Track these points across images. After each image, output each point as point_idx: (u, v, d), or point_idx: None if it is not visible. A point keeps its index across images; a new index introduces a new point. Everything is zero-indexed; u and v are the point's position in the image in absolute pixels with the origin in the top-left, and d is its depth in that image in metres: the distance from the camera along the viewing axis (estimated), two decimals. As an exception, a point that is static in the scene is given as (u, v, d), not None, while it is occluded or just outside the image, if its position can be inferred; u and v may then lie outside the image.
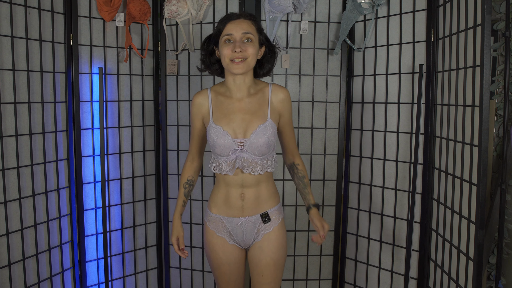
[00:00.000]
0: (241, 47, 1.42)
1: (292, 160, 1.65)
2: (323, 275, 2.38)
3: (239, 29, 1.44)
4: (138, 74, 2.32)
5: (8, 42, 1.82)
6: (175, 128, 2.37)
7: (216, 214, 1.59)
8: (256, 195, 1.55)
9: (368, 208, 2.25)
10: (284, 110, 1.56)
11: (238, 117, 1.51)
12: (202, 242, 2.39)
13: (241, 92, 1.53)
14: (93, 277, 2.26)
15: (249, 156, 1.49)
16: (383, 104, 2.15)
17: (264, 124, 1.49)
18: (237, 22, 1.45)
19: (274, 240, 1.58)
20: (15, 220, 1.91)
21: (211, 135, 1.50)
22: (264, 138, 1.48)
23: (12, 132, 1.87)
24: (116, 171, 2.28)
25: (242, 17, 1.47)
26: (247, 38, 1.45)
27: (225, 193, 1.56)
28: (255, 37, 1.46)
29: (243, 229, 1.57)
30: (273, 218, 1.58)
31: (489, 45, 1.55)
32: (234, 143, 1.48)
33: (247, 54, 1.44)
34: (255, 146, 1.48)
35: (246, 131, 1.49)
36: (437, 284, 1.97)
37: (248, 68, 1.47)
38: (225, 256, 1.60)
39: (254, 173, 1.50)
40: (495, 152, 2.38)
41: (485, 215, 1.60)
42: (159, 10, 2.32)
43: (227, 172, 1.51)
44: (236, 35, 1.44)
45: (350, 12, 2.13)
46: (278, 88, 1.56)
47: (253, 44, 1.45)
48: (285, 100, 1.55)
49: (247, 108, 1.52)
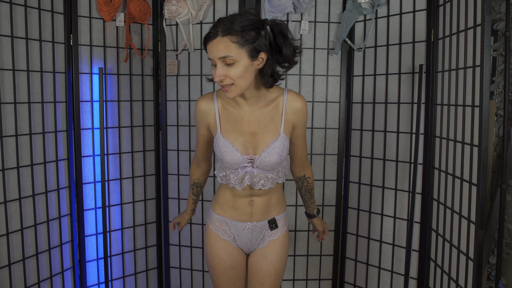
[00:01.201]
0: (221, 74, 1.25)
1: (303, 173, 1.56)
2: (323, 275, 2.38)
3: (215, 52, 1.24)
4: (138, 74, 2.32)
5: (8, 42, 1.82)
6: (175, 128, 2.37)
7: (221, 216, 1.50)
8: (266, 202, 1.47)
9: (368, 208, 2.25)
10: (299, 122, 1.42)
11: (248, 132, 1.38)
12: (202, 242, 2.39)
13: (249, 105, 1.39)
14: (93, 277, 2.26)
15: (259, 172, 1.39)
16: (383, 104, 2.15)
17: (276, 141, 1.37)
18: (214, 43, 1.24)
19: (278, 248, 1.51)
20: (15, 220, 1.90)
21: (219, 149, 1.38)
22: (276, 156, 1.36)
23: (12, 132, 1.87)
24: (116, 171, 2.28)
25: (220, 34, 1.23)
26: (226, 63, 1.25)
27: (232, 200, 1.47)
28: (237, 55, 1.23)
29: (249, 234, 1.49)
30: (280, 225, 1.52)
31: (489, 45, 1.55)
32: (243, 160, 1.38)
33: (230, 80, 1.26)
34: (266, 164, 1.37)
35: (256, 147, 1.38)
36: (437, 284, 1.97)
37: (241, 91, 1.29)
38: (230, 260, 1.50)
39: (264, 188, 1.42)
40: (495, 152, 2.38)
41: (485, 215, 1.59)
42: (159, 10, 2.32)
43: (234, 185, 1.42)
44: (215, 60, 1.26)
45: (350, 12, 2.13)
46: (294, 97, 1.39)
47: (235, 66, 1.25)
48: (301, 111, 1.40)
49: (258, 122, 1.38)
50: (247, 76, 1.28)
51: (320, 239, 1.71)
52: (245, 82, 1.28)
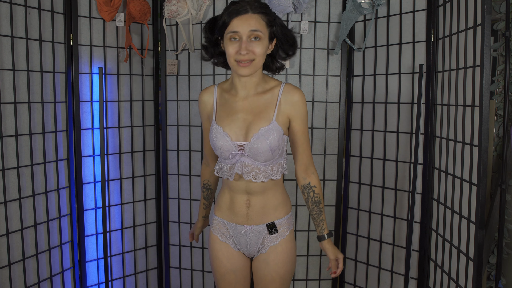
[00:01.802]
0: (247, 48, 1.27)
1: (307, 180, 1.44)
2: (323, 275, 2.38)
3: (246, 26, 1.27)
4: (138, 74, 2.32)
5: (8, 42, 1.82)
6: (175, 128, 2.37)
7: (220, 218, 1.48)
8: (262, 203, 1.42)
9: (368, 208, 2.25)
10: (295, 115, 1.37)
11: (240, 118, 1.37)
12: (202, 242, 2.39)
13: (246, 90, 1.38)
14: (93, 277, 2.26)
15: (250, 162, 1.35)
16: (383, 104, 2.15)
17: (267, 127, 1.33)
18: (245, 18, 1.27)
19: (281, 254, 1.44)
20: (15, 220, 1.90)
21: (211, 136, 1.38)
22: (266, 142, 1.32)
23: (12, 132, 1.87)
24: (116, 171, 2.28)
25: (250, 11, 1.28)
26: (255, 36, 1.28)
27: (229, 198, 1.45)
28: (264, 34, 1.29)
29: (247, 238, 1.44)
30: (281, 230, 1.44)
31: (489, 45, 1.55)
32: (233, 146, 1.35)
33: (253, 56, 1.29)
34: (256, 151, 1.33)
35: (247, 133, 1.35)
36: (437, 284, 1.97)
37: (255, 70, 1.32)
38: (229, 263, 1.46)
39: (256, 180, 1.36)
40: (495, 152, 2.38)
41: (485, 215, 1.59)
42: (159, 10, 2.32)
43: (227, 176, 1.39)
44: (243, 33, 1.27)
45: (350, 12, 2.13)
46: (291, 88, 1.38)
47: (261, 42, 1.29)
48: (297, 103, 1.36)
49: (251, 108, 1.37)
50: (264, 57, 1.34)
51: (332, 273, 1.48)
52: (261, 62, 1.33)
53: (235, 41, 1.29)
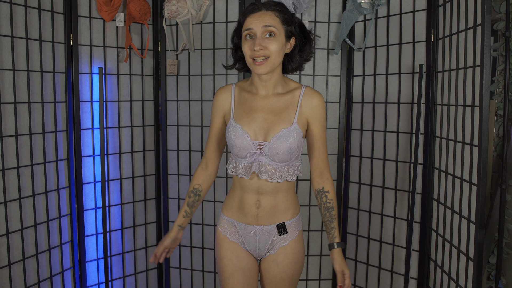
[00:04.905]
0: (261, 44, 1.27)
1: (321, 185, 1.45)
2: (323, 275, 2.38)
3: (259, 22, 1.28)
4: (138, 74, 2.32)
5: (8, 42, 1.82)
6: (175, 128, 2.37)
7: (229, 218, 1.47)
8: (273, 204, 1.41)
9: (368, 208, 2.25)
10: (314, 118, 1.38)
11: (260, 117, 1.36)
12: (202, 242, 2.39)
13: (266, 90, 1.38)
14: (93, 277, 2.26)
15: (268, 161, 1.35)
16: (383, 104, 2.15)
17: (288, 129, 1.34)
18: (258, 14, 1.29)
19: (290, 254, 1.45)
20: (15, 220, 1.91)
21: (229, 134, 1.37)
22: (286, 144, 1.32)
23: (12, 132, 1.87)
24: (116, 171, 2.28)
25: (264, 9, 1.30)
26: (268, 32, 1.28)
27: (240, 198, 1.43)
28: (279, 30, 1.29)
29: (256, 238, 1.44)
30: (290, 231, 1.44)
31: (489, 45, 1.55)
32: (252, 145, 1.35)
33: (268, 52, 1.28)
34: (275, 152, 1.33)
35: (267, 133, 1.35)
36: (437, 284, 1.97)
37: (272, 67, 1.31)
38: (239, 261, 1.44)
39: (271, 180, 1.36)
40: (495, 152, 2.38)
41: (485, 215, 1.59)
42: (159, 10, 2.32)
43: (243, 175, 1.38)
44: (256, 29, 1.28)
45: (350, 12, 2.13)
46: (311, 91, 1.38)
47: (275, 39, 1.29)
48: (317, 106, 1.37)
49: (272, 108, 1.37)
50: (281, 55, 1.32)
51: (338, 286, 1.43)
52: (278, 59, 1.32)
53: (250, 38, 1.31)
